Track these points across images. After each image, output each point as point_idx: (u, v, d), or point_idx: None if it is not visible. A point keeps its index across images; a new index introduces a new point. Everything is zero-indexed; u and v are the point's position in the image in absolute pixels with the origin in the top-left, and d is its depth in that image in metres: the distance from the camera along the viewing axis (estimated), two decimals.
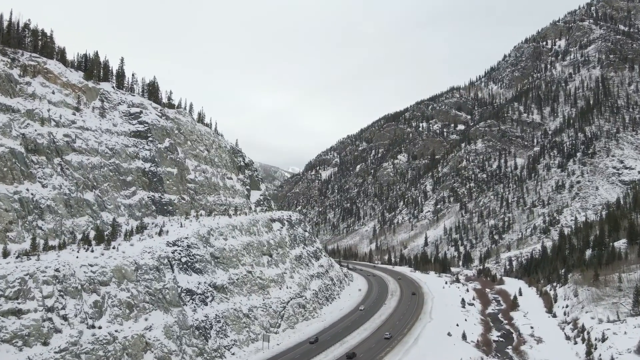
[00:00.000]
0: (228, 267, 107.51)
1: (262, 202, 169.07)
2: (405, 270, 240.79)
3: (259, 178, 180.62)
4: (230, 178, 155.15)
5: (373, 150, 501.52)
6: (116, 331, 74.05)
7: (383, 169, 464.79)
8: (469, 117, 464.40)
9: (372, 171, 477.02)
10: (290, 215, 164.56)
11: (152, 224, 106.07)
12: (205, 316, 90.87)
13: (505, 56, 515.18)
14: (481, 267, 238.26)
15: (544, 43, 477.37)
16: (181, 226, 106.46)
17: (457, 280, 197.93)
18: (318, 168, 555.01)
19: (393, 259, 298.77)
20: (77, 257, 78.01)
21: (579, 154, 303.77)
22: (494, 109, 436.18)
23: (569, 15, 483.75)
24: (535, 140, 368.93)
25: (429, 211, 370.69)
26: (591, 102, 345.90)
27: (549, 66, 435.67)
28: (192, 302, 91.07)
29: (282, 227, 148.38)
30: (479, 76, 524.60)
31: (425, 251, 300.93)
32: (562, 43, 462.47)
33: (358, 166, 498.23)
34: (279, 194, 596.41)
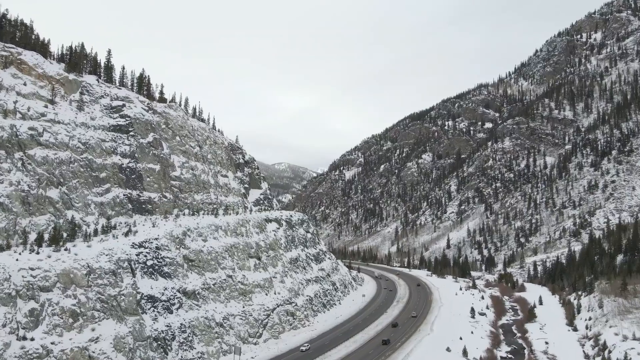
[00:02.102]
0: (204, 270, 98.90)
1: (261, 202, 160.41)
2: (421, 274, 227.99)
3: (260, 176, 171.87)
4: (225, 176, 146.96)
5: (397, 150, 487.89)
6: (52, 343, 66.10)
7: (407, 168, 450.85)
8: (497, 114, 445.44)
9: (396, 171, 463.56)
10: (290, 216, 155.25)
11: (124, 223, 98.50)
12: (168, 326, 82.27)
13: (536, 51, 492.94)
14: (503, 272, 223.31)
15: (579, 36, 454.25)
16: (153, 226, 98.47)
17: (474, 286, 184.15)
18: (342, 168, 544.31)
19: (413, 262, 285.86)
20: (17, 260, 70.56)
21: (614, 152, 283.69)
22: (523, 105, 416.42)
23: (606, 7, 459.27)
24: (566, 138, 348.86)
25: (452, 212, 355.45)
26: (629, 96, 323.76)
27: (583, 60, 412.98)
28: (154, 310, 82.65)
29: (278, 228, 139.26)
30: (509, 72, 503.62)
31: (445, 254, 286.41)
32: (597, 36, 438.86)
33: (382, 166, 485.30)
34: (303, 194, 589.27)
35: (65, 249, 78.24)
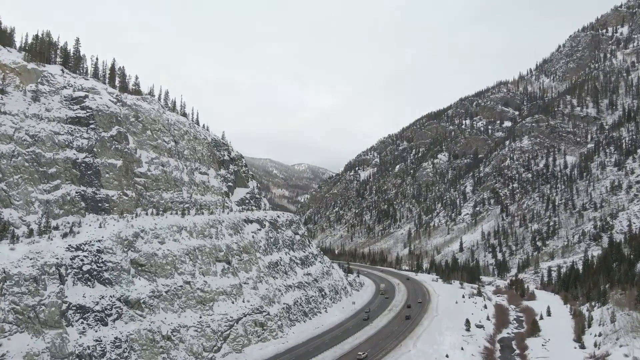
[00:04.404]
0: (157, 276, 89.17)
1: (247, 201, 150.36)
2: (426, 278, 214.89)
3: (247, 174, 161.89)
4: (205, 173, 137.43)
5: (413, 150, 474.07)
6: None
7: (422, 169, 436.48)
8: (516, 113, 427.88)
9: (412, 171, 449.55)
10: (277, 216, 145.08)
11: (70, 223, 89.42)
12: (97, 340, 72.59)
13: (559, 47, 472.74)
14: (515, 278, 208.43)
15: (604, 31, 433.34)
16: (100, 226, 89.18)
17: (479, 294, 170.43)
18: (357, 168, 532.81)
19: (423, 265, 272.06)
20: None
21: (639, 151, 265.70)
22: (544, 103, 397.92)
23: (633, 0, 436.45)
24: (589, 136, 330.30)
25: (467, 214, 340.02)
26: None
27: (608, 55, 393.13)
28: (83, 322, 73.08)
29: (259, 229, 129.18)
30: (530, 69, 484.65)
31: (456, 257, 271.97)
32: (624, 30, 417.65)
33: (397, 166, 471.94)
34: (317, 195, 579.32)
35: None
